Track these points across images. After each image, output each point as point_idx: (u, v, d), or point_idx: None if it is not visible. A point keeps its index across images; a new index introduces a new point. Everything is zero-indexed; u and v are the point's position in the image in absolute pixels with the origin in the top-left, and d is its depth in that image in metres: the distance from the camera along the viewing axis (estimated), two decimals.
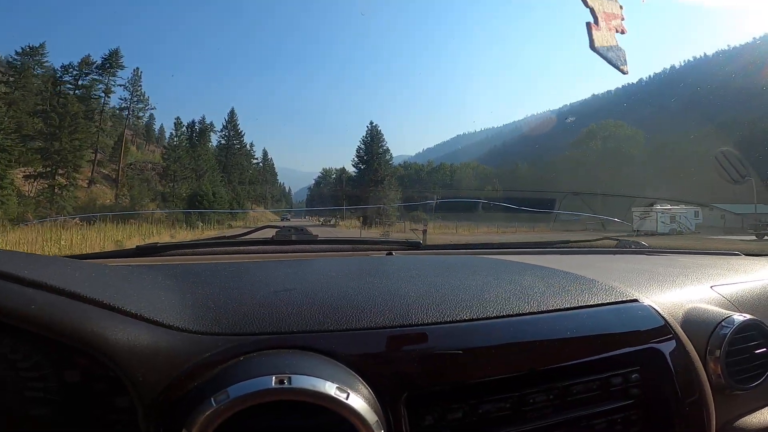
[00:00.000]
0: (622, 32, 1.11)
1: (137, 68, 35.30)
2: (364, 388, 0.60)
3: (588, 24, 1.08)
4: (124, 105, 34.87)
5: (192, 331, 0.61)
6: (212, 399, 0.52)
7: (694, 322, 0.91)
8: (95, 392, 0.56)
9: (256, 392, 0.52)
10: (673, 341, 0.85)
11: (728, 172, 2.44)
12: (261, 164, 43.45)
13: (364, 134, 41.63)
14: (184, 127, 35.45)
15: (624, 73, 1.15)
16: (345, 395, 0.55)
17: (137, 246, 1.23)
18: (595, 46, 1.07)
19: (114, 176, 33.63)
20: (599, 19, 1.08)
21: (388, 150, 41.31)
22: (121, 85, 34.28)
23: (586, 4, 1.09)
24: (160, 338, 0.58)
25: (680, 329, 0.88)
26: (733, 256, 1.66)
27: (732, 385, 0.87)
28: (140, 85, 35.15)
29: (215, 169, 35.23)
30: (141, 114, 36.56)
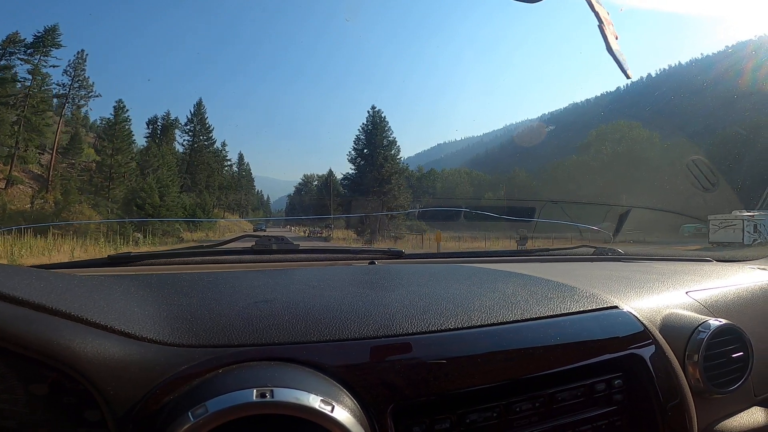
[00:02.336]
0: (616, 38, 1.13)
1: (82, 50, 28.51)
2: (349, 400, 0.59)
3: (600, 27, 1.10)
4: (62, 92, 27.44)
5: (167, 343, 0.60)
6: (190, 413, 0.50)
7: (672, 328, 0.93)
8: (65, 405, 0.54)
9: (236, 406, 0.51)
10: (653, 346, 0.86)
11: (699, 180, 2.52)
12: (236, 168, 37.14)
13: (364, 122, 32.82)
14: (128, 113, 27.58)
15: (628, 77, 1.17)
16: (330, 408, 0.54)
17: (109, 255, 1.19)
18: (612, 47, 1.09)
19: (47, 176, 26.23)
20: (604, 23, 1.10)
21: (394, 141, 32.23)
22: (54, 66, 26.94)
23: (592, 8, 1.11)
24: (132, 351, 0.57)
25: (659, 335, 0.89)
26: (705, 263, 1.70)
27: (711, 389, 0.88)
28: (84, 69, 28.05)
29: (172, 167, 27.90)
30: (83, 102, 28.85)
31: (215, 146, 33.27)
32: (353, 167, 32.77)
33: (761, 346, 0.99)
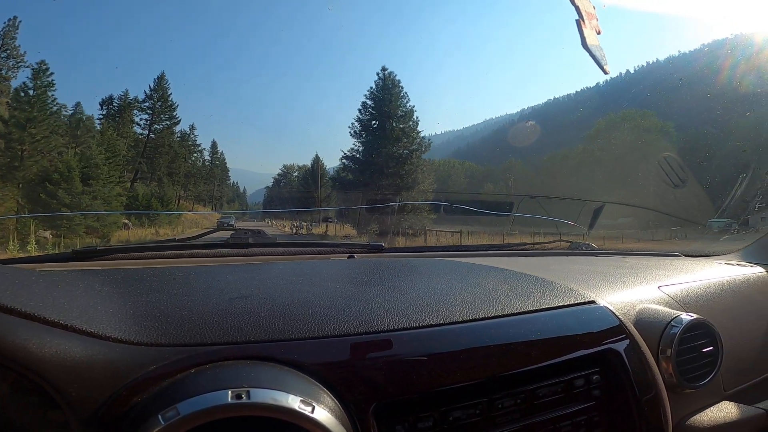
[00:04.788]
0: (599, 32, 1.13)
1: (14, 17, 20.30)
2: (330, 399, 0.58)
3: (577, 21, 1.10)
4: None
5: (133, 343, 0.57)
6: (160, 416, 0.48)
7: (645, 322, 0.95)
8: (28, 406, 0.51)
9: (209, 408, 0.49)
10: (629, 341, 0.87)
11: (669, 176, 2.58)
12: (209, 157, 30.53)
13: (373, 86, 24.34)
14: (51, 77, 19.38)
15: (606, 72, 1.17)
16: (310, 408, 0.52)
17: (73, 249, 1.14)
18: (588, 44, 1.09)
19: None
20: (584, 17, 1.10)
21: (412, 111, 24.09)
22: None
23: (573, 3, 1.11)
24: (95, 351, 0.54)
25: (634, 329, 0.91)
26: (675, 257, 1.75)
27: (683, 384, 0.91)
28: (14, 38, 20.53)
29: (114, 145, 20.94)
30: (11, 74, 20.59)
31: (180, 128, 26.77)
32: (358, 142, 24.73)
33: (729, 341, 1.02)
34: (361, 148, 24.58)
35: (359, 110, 24.01)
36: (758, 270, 1.44)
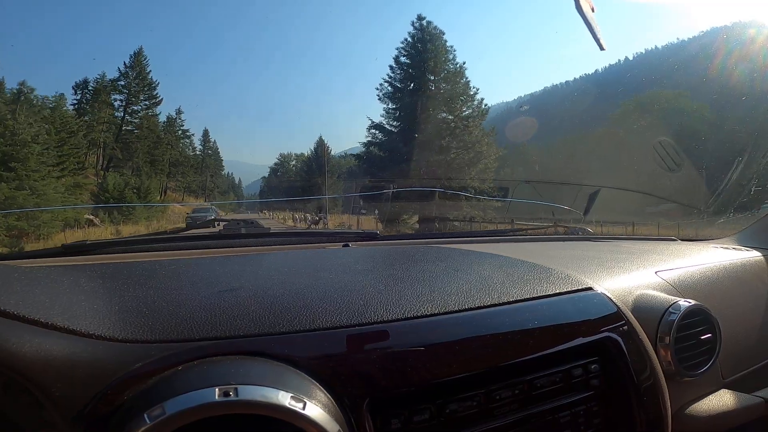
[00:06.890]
0: (592, 9, 1.10)
1: None
2: (322, 394, 0.56)
3: None
4: None
5: (118, 340, 0.55)
6: (146, 415, 0.47)
7: (643, 309, 0.94)
8: (21, 405, 0.50)
9: (196, 407, 0.47)
10: (627, 329, 0.86)
11: (665, 160, 2.58)
12: (201, 146, 27.21)
13: (409, 38, 19.40)
14: None
15: (602, 48, 1.14)
16: (301, 405, 0.51)
17: (63, 245, 1.11)
18: (582, 8, 1.06)
19: None
20: None
21: (462, 69, 18.96)
22: None
23: None
24: (78, 349, 0.52)
25: (632, 316, 0.89)
26: (671, 242, 1.75)
27: (682, 372, 0.89)
28: None
29: (69, 121, 16.81)
30: None
31: (166, 111, 23.11)
32: (390, 107, 18.84)
33: (727, 328, 1.01)
34: (397, 114, 19.21)
35: (390, 67, 19.33)
36: (755, 254, 1.43)
